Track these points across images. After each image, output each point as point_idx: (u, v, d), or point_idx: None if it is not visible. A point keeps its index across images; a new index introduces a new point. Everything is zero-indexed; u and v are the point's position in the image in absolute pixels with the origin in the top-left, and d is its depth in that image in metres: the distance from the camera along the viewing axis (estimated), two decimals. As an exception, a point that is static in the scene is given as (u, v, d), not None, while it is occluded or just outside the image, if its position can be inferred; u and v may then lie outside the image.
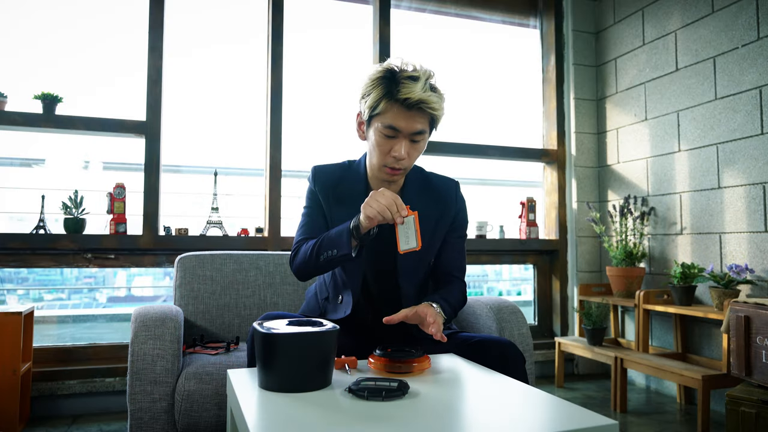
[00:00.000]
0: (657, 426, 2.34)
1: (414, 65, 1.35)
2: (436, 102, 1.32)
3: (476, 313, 1.90)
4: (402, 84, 1.31)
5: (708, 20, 2.67)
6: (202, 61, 2.93)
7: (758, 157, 2.41)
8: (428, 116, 1.35)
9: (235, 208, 2.89)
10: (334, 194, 1.48)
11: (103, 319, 2.98)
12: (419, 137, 1.36)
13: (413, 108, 1.31)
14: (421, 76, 1.32)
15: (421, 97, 1.30)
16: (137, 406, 1.55)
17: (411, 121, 1.33)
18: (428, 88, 1.32)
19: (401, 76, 1.32)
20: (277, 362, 1.08)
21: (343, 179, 1.49)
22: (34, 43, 2.69)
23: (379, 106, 1.34)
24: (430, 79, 1.34)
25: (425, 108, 1.32)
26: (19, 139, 2.69)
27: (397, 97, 1.31)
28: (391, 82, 1.32)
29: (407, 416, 0.95)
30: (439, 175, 1.58)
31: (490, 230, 3.19)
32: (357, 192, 1.46)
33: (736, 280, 2.32)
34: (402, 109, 1.32)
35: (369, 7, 3.15)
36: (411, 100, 1.30)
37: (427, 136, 1.39)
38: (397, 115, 1.32)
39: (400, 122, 1.33)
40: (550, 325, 3.37)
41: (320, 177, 1.51)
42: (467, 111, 3.38)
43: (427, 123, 1.36)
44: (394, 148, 1.35)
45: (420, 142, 1.38)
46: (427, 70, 1.35)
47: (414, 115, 1.33)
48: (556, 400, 1.04)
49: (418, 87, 1.30)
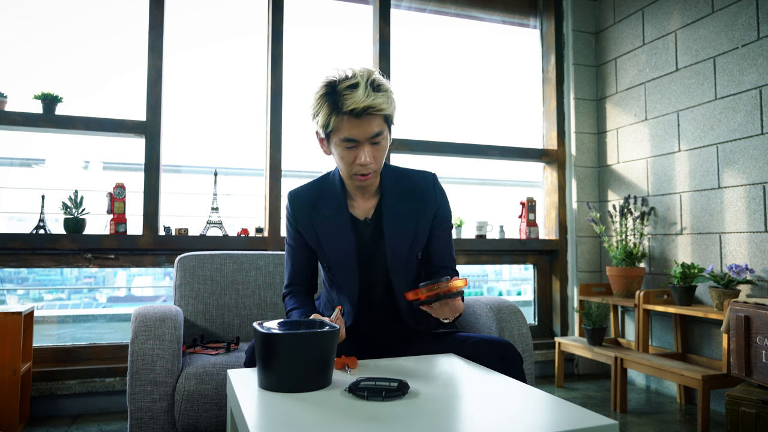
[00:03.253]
0: (657, 426, 2.34)
1: (352, 71, 1.33)
2: (382, 102, 1.31)
3: (476, 313, 1.90)
4: (344, 96, 1.30)
5: (708, 20, 2.67)
6: (202, 60, 2.93)
7: (758, 157, 2.41)
8: (380, 117, 1.34)
9: (235, 208, 2.89)
10: (315, 212, 1.48)
11: (103, 319, 2.98)
12: (378, 138, 1.36)
13: (362, 115, 1.31)
14: (360, 81, 1.30)
15: (365, 103, 1.29)
16: (137, 406, 1.55)
17: (365, 128, 1.33)
18: (371, 91, 1.30)
19: (341, 87, 1.31)
20: (277, 362, 1.08)
21: (322, 195, 1.50)
22: (34, 43, 2.69)
23: (330, 123, 1.34)
24: (371, 79, 1.32)
25: (373, 112, 1.31)
26: (19, 139, 2.69)
27: (344, 110, 1.30)
28: (333, 96, 1.32)
29: (407, 416, 0.95)
30: (414, 170, 1.57)
31: (490, 230, 3.19)
32: (337, 204, 1.47)
33: (736, 280, 2.32)
34: (352, 120, 1.31)
35: (369, 6, 3.15)
36: (357, 109, 1.29)
37: (387, 134, 1.39)
38: (349, 126, 1.32)
39: (354, 132, 1.33)
40: (550, 325, 3.37)
41: (296, 202, 1.51)
42: (467, 111, 3.38)
43: (382, 122, 1.36)
44: (358, 157, 1.35)
45: (381, 143, 1.37)
46: (365, 71, 1.33)
47: (365, 122, 1.32)
48: (556, 400, 1.04)
49: (359, 94, 1.29)
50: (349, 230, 1.46)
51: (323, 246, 1.47)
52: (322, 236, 1.46)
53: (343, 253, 1.45)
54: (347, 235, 1.45)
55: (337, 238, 1.45)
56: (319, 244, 1.47)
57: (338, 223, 1.46)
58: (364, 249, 1.47)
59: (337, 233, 1.46)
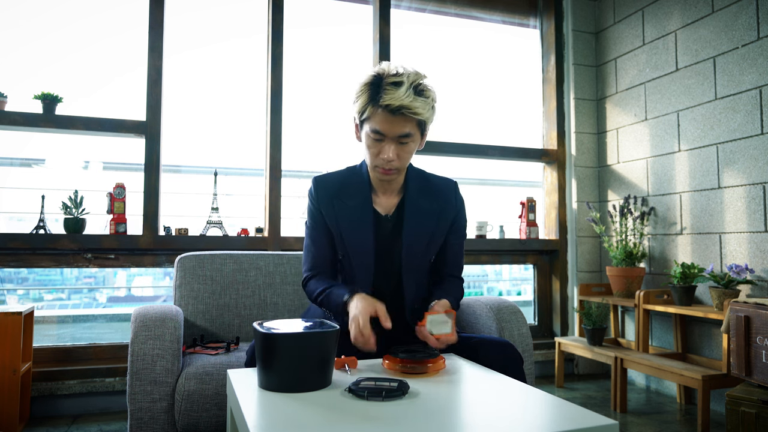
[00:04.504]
0: (657, 426, 2.34)
1: (401, 69, 1.36)
2: (419, 107, 1.34)
3: (476, 313, 1.90)
4: (385, 90, 1.33)
5: (708, 20, 2.67)
6: (202, 60, 2.93)
7: (758, 157, 2.41)
8: (414, 120, 1.37)
9: (235, 208, 2.89)
10: (339, 199, 1.50)
11: (103, 319, 2.98)
12: (406, 139, 1.39)
13: (396, 113, 1.34)
14: (405, 81, 1.33)
15: (402, 103, 1.32)
16: (137, 406, 1.55)
17: (395, 126, 1.35)
18: (412, 93, 1.33)
19: (386, 81, 1.34)
20: (277, 362, 1.08)
21: (346, 183, 1.53)
22: (34, 42, 2.69)
23: (366, 111, 1.38)
24: (416, 83, 1.35)
25: (407, 113, 1.34)
26: (19, 139, 2.69)
27: (380, 103, 1.34)
28: (376, 88, 1.35)
29: (407, 416, 0.95)
30: (438, 176, 1.62)
31: (490, 230, 3.19)
32: (362, 196, 1.50)
33: (736, 280, 2.32)
34: (386, 114, 1.34)
35: (369, 6, 3.15)
36: (392, 106, 1.32)
37: (416, 137, 1.41)
38: (381, 120, 1.35)
39: (384, 127, 1.36)
40: (550, 325, 3.37)
41: (321, 186, 1.53)
42: (467, 111, 3.38)
43: (414, 125, 1.38)
44: (382, 151, 1.39)
45: (408, 144, 1.40)
46: (414, 73, 1.36)
47: (398, 120, 1.35)
48: (556, 400, 1.04)
49: (400, 92, 1.32)
50: (371, 223, 1.48)
51: (343, 234, 1.48)
52: (343, 224, 1.48)
53: (362, 245, 1.47)
54: (368, 227, 1.47)
55: (358, 230, 1.47)
56: (339, 232, 1.49)
57: (361, 214, 1.48)
58: (381, 244, 1.49)
59: (359, 224, 1.48)
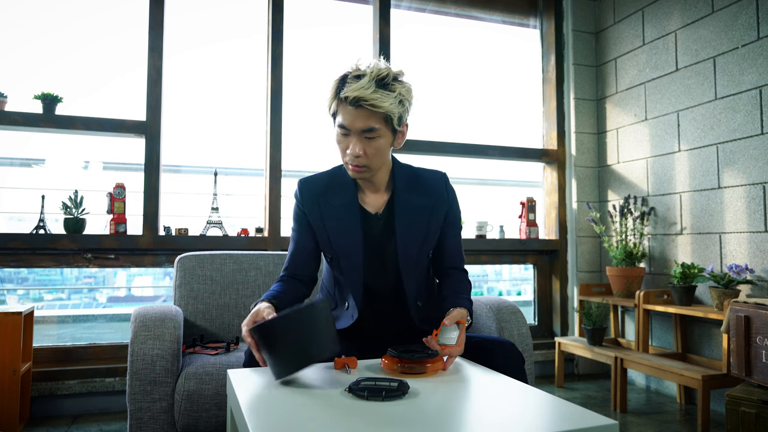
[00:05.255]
0: (657, 426, 2.34)
1: (370, 64, 1.34)
2: (378, 98, 1.30)
3: (476, 313, 1.90)
4: (347, 83, 1.32)
5: (708, 20, 2.67)
6: (202, 60, 2.93)
7: (758, 157, 2.41)
8: (378, 114, 1.33)
9: (235, 208, 2.89)
10: (325, 200, 1.48)
11: (103, 319, 2.98)
12: (372, 134, 1.34)
13: (356, 106, 1.31)
14: (368, 74, 1.31)
15: (359, 94, 1.29)
16: (137, 406, 1.55)
17: (357, 120, 1.33)
18: (373, 85, 1.30)
19: (350, 75, 1.34)
20: (280, 347, 1.11)
21: (333, 184, 1.50)
22: (34, 42, 2.69)
23: (332, 106, 1.38)
24: (380, 75, 1.32)
25: (365, 105, 1.30)
26: (19, 139, 2.69)
27: (340, 96, 1.33)
28: (341, 83, 1.35)
29: (407, 416, 0.95)
30: (427, 169, 1.57)
31: (490, 230, 3.19)
32: (348, 195, 1.47)
33: (736, 280, 2.32)
34: (347, 107, 1.33)
35: (369, 6, 3.15)
36: (350, 98, 1.30)
37: (384, 133, 1.36)
38: (344, 113, 1.34)
39: (347, 120, 1.34)
40: (550, 325, 3.37)
41: (306, 188, 1.51)
42: (467, 111, 3.38)
43: (380, 120, 1.34)
44: (348, 146, 1.37)
45: (375, 140, 1.35)
46: (383, 68, 1.33)
47: (360, 114, 1.32)
48: (556, 400, 1.04)
49: (359, 84, 1.30)
50: (359, 222, 1.44)
51: (329, 236, 1.45)
52: (330, 225, 1.45)
53: (350, 245, 1.43)
54: (356, 227, 1.44)
55: (345, 229, 1.44)
56: (325, 233, 1.46)
57: (347, 213, 1.44)
58: (372, 244, 1.45)
59: (346, 224, 1.44)
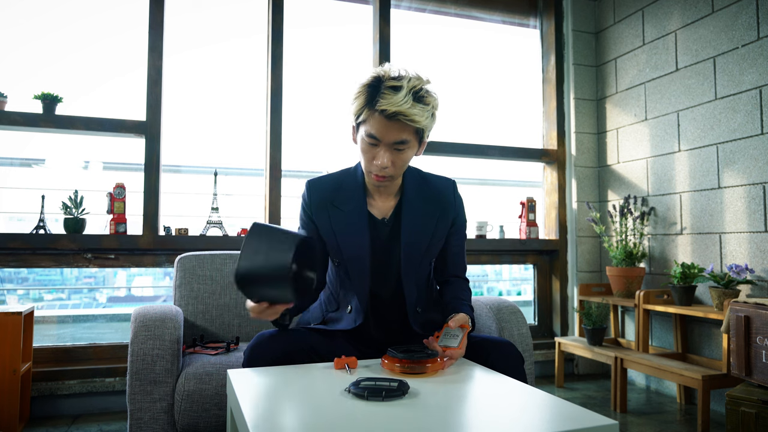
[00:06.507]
0: (657, 426, 2.34)
1: (402, 73, 1.30)
2: (417, 114, 1.27)
3: (476, 313, 1.90)
4: (383, 94, 1.27)
5: (708, 20, 2.67)
6: (202, 60, 2.93)
7: (758, 157, 2.41)
8: (411, 127, 1.31)
9: (235, 208, 2.89)
10: (332, 204, 1.46)
11: (103, 319, 2.98)
12: (402, 146, 1.33)
13: (392, 119, 1.28)
14: (405, 86, 1.27)
15: (398, 109, 1.25)
16: (137, 406, 1.55)
17: (391, 132, 1.30)
18: (410, 99, 1.27)
19: (384, 84, 1.28)
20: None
21: (341, 188, 1.48)
22: (34, 42, 2.69)
23: (362, 114, 1.32)
24: (417, 88, 1.29)
25: (404, 120, 1.28)
26: (19, 139, 2.69)
27: (376, 107, 1.28)
28: (374, 90, 1.29)
29: (407, 416, 0.95)
30: (435, 175, 1.57)
31: (490, 230, 3.19)
32: (356, 200, 1.46)
33: (736, 280, 2.32)
34: (381, 119, 1.29)
35: (369, 6, 3.15)
36: (388, 111, 1.26)
37: (413, 144, 1.35)
38: (377, 124, 1.30)
39: (380, 132, 1.30)
40: (550, 325, 3.37)
41: (314, 190, 1.49)
42: (467, 111, 3.38)
43: (412, 133, 1.32)
44: (376, 156, 1.33)
45: (404, 151, 1.34)
46: (416, 78, 1.30)
47: (394, 126, 1.29)
48: (556, 400, 1.04)
49: (398, 98, 1.26)
50: (366, 228, 1.43)
51: (338, 240, 1.44)
52: (338, 230, 1.44)
53: (358, 250, 1.43)
54: (363, 232, 1.43)
55: (353, 235, 1.43)
56: (333, 237, 1.45)
57: (355, 219, 1.43)
58: (379, 249, 1.45)
59: (354, 229, 1.43)
